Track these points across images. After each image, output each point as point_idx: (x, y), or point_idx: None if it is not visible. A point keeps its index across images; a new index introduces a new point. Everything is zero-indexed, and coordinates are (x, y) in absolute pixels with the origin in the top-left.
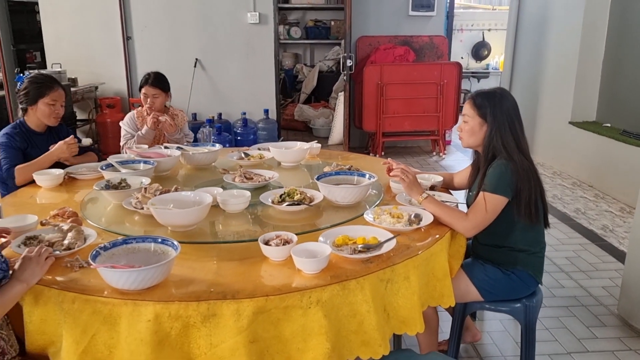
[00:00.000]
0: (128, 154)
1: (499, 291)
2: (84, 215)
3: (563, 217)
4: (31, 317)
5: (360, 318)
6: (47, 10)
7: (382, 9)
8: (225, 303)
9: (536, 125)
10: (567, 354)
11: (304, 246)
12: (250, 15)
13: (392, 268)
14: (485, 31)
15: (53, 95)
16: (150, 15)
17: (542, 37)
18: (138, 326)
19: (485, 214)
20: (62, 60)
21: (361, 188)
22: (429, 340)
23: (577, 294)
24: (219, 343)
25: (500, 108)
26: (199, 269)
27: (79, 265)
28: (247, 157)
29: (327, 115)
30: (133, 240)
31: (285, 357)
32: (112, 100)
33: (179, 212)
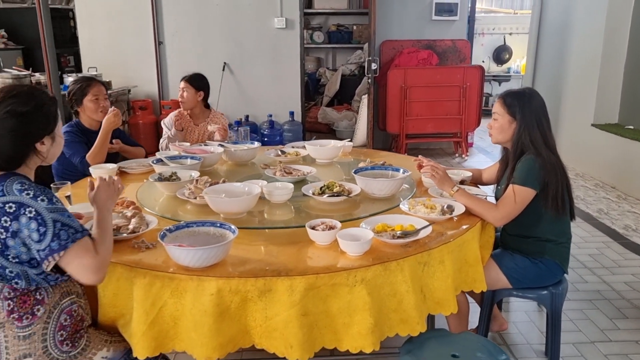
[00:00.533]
0: (173, 151)
1: (527, 279)
2: (141, 204)
3: (586, 217)
4: (105, 292)
5: (399, 297)
6: (83, 16)
7: (406, 13)
8: (280, 279)
9: (558, 128)
10: (591, 343)
11: (347, 231)
12: (277, 20)
13: (429, 252)
14: (507, 35)
15: (94, 92)
16: (181, 21)
17: (564, 41)
18: (202, 299)
19: (514, 205)
20: (96, 64)
21: (397, 181)
22: (460, 325)
23: (600, 289)
24: (274, 316)
25: (529, 107)
26: (253, 251)
27: (145, 246)
28: (283, 154)
29: (350, 117)
30: (194, 224)
31: (332, 331)
32: (143, 103)
33: (233, 200)
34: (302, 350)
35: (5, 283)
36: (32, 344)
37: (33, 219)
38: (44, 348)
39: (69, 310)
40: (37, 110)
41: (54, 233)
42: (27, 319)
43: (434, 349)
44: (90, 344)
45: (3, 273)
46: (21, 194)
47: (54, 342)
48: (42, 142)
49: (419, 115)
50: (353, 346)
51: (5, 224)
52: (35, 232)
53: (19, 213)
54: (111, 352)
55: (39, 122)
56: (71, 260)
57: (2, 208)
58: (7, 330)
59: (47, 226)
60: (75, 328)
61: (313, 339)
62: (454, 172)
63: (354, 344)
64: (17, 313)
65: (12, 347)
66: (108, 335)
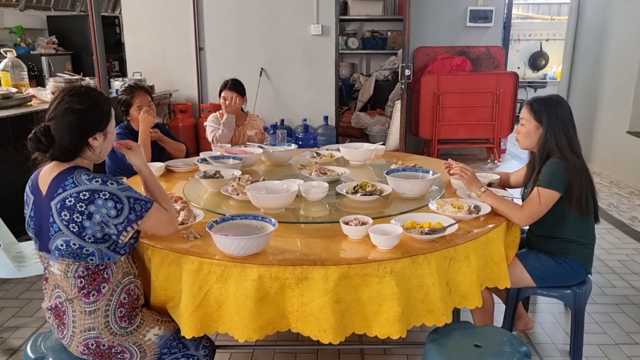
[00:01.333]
0: (217, 151)
1: (551, 278)
2: (186, 200)
3: (618, 224)
4: (157, 276)
5: (426, 289)
6: (129, 23)
7: (440, 20)
8: (316, 268)
9: (594, 135)
10: (615, 345)
11: (378, 227)
12: (313, 27)
13: (455, 248)
14: (543, 41)
15: (137, 102)
16: (221, 28)
17: (601, 47)
18: (245, 284)
19: (538, 206)
20: (141, 69)
21: (426, 181)
22: (484, 321)
23: (627, 293)
24: (309, 302)
25: (556, 113)
26: (291, 243)
27: (194, 236)
28: (319, 156)
29: (382, 122)
30: (238, 217)
31: (362, 317)
32: (184, 106)
33: (273, 196)
34: (334, 334)
35: (81, 261)
36: (96, 318)
37: (109, 199)
38: (106, 323)
39: (127, 289)
40: (92, 108)
41: (130, 207)
42: (94, 296)
43: (458, 339)
44: (144, 322)
45: (80, 252)
46: (91, 182)
47: (114, 317)
48: (95, 137)
49: (451, 120)
50: (381, 332)
51: (81, 209)
52: (113, 209)
53: (94, 198)
54: (162, 330)
55: (93, 119)
56: (150, 223)
57: (77, 196)
58: (76, 305)
59: (122, 203)
60: (132, 306)
61: (344, 324)
62: (482, 175)
63: (382, 330)
64: (87, 289)
65: (78, 321)
66: (159, 315)
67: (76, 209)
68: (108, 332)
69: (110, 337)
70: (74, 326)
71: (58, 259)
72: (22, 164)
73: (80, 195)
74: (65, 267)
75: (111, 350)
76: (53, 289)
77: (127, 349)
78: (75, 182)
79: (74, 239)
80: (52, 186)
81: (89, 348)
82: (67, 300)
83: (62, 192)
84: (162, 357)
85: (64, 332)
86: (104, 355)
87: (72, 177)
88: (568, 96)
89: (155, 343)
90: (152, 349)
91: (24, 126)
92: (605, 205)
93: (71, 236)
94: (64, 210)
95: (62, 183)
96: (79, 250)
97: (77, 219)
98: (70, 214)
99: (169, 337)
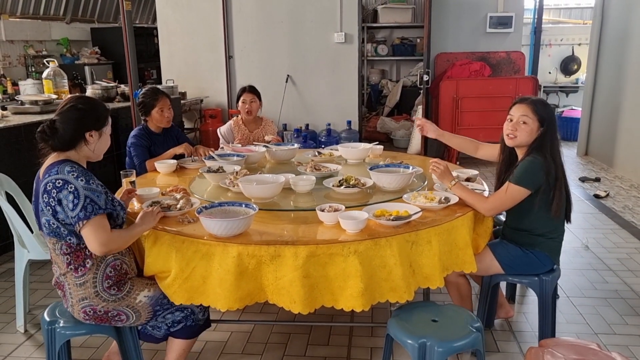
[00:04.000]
0: (226, 150)
1: (518, 266)
2: (191, 191)
3: (626, 225)
4: (150, 253)
5: (389, 269)
6: (163, 33)
7: (460, 27)
8: (287, 247)
9: (616, 139)
10: (594, 334)
11: (349, 213)
12: (336, 35)
13: (417, 233)
14: (575, 45)
15: (159, 105)
16: (249, 37)
17: (624, 51)
18: (226, 261)
19: (503, 200)
20: (174, 76)
21: (404, 175)
22: (463, 305)
23: (618, 289)
24: (282, 276)
25: (553, 117)
26: (272, 227)
27: (188, 221)
28: (319, 154)
29: (407, 127)
30: (225, 204)
31: (330, 292)
32: (214, 112)
33: (260, 187)
34: (304, 305)
35: (62, 240)
36: (86, 289)
37: (71, 192)
38: (96, 292)
39: (113, 264)
40: (92, 109)
41: (82, 206)
42: (81, 270)
43: (419, 314)
44: (134, 287)
45: (59, 232)
46: (68, 174)
47: (102, 287)
48: (91, 134)
49: (470, 125)
50: (346, 305)
51: (54, 194)
52: (71, 203)
53: (63, 188)
54: (152, 292)
55: (92, 118)
56: (88, 229)
57: (54, 183)
58: (69, 279)
59: (79, 199)
60: (119, 278)
61: (313, 297)
62: (462, 171)
63: (347, 303)
64: (73, 265)
65: (74, 292)
66: (149, 279)
67: (51, 194)
68: (100, 300)
69: (103, 304)
70: (71, 297)
71: (48, 237)
72: None
73: (56, 183)
74: (53, 245)
75: (108, 314)
76: (53, 264)
77: (122, 312)
78: (58, 170)
79: (52, 219)
80: (44, 172)
81: (87, 314)
82: (62, 274)
83: (47, 177)
84: (156, 314)
85: (67, 302)
86: (103, 319)
87: (59, 166)
88: (592, 100)
89: (147, 303)
90: (145, 309)
91: None
92: (619, 208)
93: (50, 216)
94: (45, 193)
95: (51, 170)
96: (58, 229)
97: (51, 202)
98: (48, 197)
99: (158, 296)
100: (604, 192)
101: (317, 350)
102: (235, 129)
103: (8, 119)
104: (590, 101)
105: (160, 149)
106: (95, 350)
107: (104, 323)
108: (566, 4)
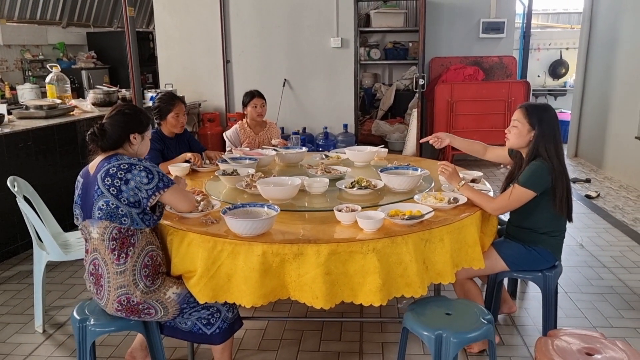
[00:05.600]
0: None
1: (522, 263)
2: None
3: (618, 224)
4: (177, 253)
5: (404, 265)
6: (162, 38)
7: (454, 32)
8: (310, 245)
9: (605, 141)
10: (593, 328)
11: (365, 213)
12: (333, 40)
13: (430, 231)
14: (563, 50)
15: (176, 110)
16: (246, 42)
17: (612, 56)
18: (252, 259)
19: (508, 200)
20: (172, 80)
21: (414, 177)
22: None
23: (613, 285)
24: (304, 274)
25: (547, 120)
26: (292, 227)
27: (211, 221)
28: (327, 157)
29: (402, 130)
30: (248, 205)
31: (349, 288)
32: (212, 115)
33: (278, 188)
34: (325, 300)
35: (115, 222)
36: (125, 277)
37: (142, 170)
38: (134, 281)
39: (151, 254)
40: (135, 114)
41: (159, 177)
42: (123, 258)
43: (433, 309)
44: (164, 282)
45: (116, 212)
46: (130, 159)
47: (139, 276)
48: (135, 136)
49: (465, 128)
50: (365, 300)
51: (120, 176)
52: (145, 178)
53: (131, 168)
54: (180, 289)
55: (136, 122)
56: (172, 195)
57: (119, 166)
58: (109, 267)
59: (153, 174)
60: (154, 269)
61: (334, 293)
62: (467, 172)
63: (366, 298)
64: (117, 251)
65: (112, 281)
66: (177, 279)
67: (116, 176)
68: (135, 288)
69: (137, 294)
70: (109, 286)
71: (97, 223)
72: (66, 167)
73: (121, 166)
74: (102, 229)
75: (139, 307)
76: (92, 252)
77: (152, 306)
78: (117, 158)
79: (112, 199)
80: (99, 165)
81: (122, 304)
82: (103, 261)
83: (107, 164)
84: (182, 311)
85: (102, 293)
86: (134, 311)
87: (116, 156)
88: (582, 103)
89: (175, 300)
90: (172, 305)
91: (67, 134)
92: (610, 208)
93: (110, 197)
94: (107, 177)
95: (107, 161)
96: (115, 209)
97: (116, 183)
98: (112, 179)
99: (185, 294)
100: (595, 193)
101: (330, 346)
102: (242, 133)
103: (14, 123)
104: (579, 104)
105: (173, 154)
106: (115, 349)
107: (134, 316)
108: (554, 9)
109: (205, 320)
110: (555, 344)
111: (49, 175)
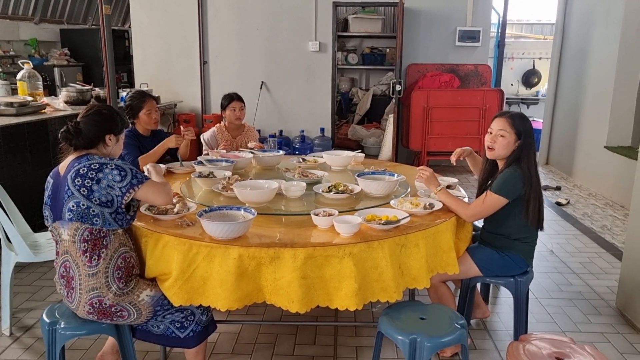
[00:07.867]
0: (212, 156)
1: (495, 268)
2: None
3: (587, 231)
4: (151, 256)
5: (380, 270)
6: (137, 37)
7: (431, 39)
8: (286, 249)
9: (575, 149)
10: (562, 332)
11: (342, 218)
12: (311, 44)
13: (406, 236)
14: (536, 59)
15: (147, 107)
16: (223, 43)
17: (582, 67)
18: (227, 262)
19: (482, 207)
20: (147, 80)
21: (390, 182)
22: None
23: (582, 290)
24: (280, 277)
25: (530, 130)
26: (269, 230)
27: (186, 224)
28: (304, 161)
29: (378, 135)
30: (224, 208)
31: (325, 292)
32: (188, 116)
33: (255, 192)
34: (301, 305)
35: (87, 223)
36: (98, 279)
37: (115, 168)
38: (106, 283)
39: (124, 256)
40: (111, 115)
41: (132, 174)
42: (95, 260)
43: (407, 313)
44: (138, 284)
45: (87, 213)
46: (101, 159)
47: (112, 278)
48: (110, 137)
49: (440, 134)
50: (341, 305)
51: (91, 175)
52: (118, 176)
53: (103, 167)
54: (153, 292)
55: (112, 122)
56: (147, 190)
57: (89, 167)
58: (81, 269)
59: (126, 171)
60: (128, 271)
61: (310, 297)
62: (443, 179)
63: (342, 303)
64: (89, 253)
65: (84, 283)
66: (150, 281)
67: (87, 176)
68: (108, 291)
69: (110, 296)
70: (80, 288)
71: (68, 224)
72: (37, 166)
73: (92, 166)
74: (73, 231)
75: (111, 309)
76: (63, 254)
77: (125, 309)
78: (88, 158)
79: (83, 200)
80: (69, 165)
81: (94, 307)
82: (74, 263)
83: (77, 164)
84: (156, 314)
85: (73, 295)
86: (106, 314)
87: (87, 156)
88: (553, 112)
89: (148, 303)
90: (146, 308)
91: (38, 132)
92: (579, 215)
93: (81, 198)
94: (78, 177)
95: (78, 161)
96: (87, 210)
97: (87, 183)
98: (82, 179)
99: (159, 296)
100: (565, 200)
101: (304, 350)
102: (219, 135)
103: None
104: (551, 113)
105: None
106: (85, 352)
107: (106, 319)
108: (528, 20)
109: (178, 324)
110: (527, 348)
111: (19, 174)
